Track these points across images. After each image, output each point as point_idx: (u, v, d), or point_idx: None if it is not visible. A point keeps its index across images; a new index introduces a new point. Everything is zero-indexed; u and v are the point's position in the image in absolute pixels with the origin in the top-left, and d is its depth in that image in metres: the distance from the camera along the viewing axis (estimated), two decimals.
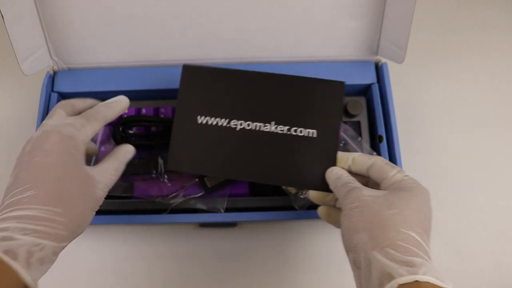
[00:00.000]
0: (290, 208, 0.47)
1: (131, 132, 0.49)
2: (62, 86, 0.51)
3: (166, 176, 0.47)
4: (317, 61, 0.52)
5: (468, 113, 0.59)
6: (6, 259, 0.29)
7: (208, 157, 0.43)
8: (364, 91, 0.53)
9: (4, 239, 0.30)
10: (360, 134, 0.51)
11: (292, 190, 0.47)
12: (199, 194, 0.47)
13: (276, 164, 0.42)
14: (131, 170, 0.47)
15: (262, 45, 0.52)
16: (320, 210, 0.41)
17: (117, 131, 0.47)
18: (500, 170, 0.56)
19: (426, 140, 0.57)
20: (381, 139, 0.49)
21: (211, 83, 0.44)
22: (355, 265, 0.33)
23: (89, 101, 0.41)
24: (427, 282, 0.29)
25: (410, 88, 0.60)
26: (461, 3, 0.65)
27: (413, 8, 0.45)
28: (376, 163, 0.38)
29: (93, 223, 0.47)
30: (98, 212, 0.47)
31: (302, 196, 0.46)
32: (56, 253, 0.33)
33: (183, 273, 0.51)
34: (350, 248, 0.33)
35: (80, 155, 0.36)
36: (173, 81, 0.51)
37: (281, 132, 0.43)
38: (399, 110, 0.52)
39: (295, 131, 0.43)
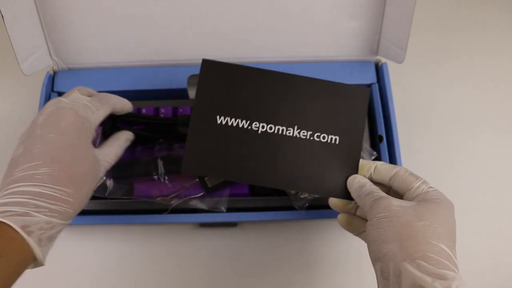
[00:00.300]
0: (290, 208, 0.47)
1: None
2: (62, 86, 0.51)
3: (166, 178, 0.47)
4: (317, 61, 0.53)
5: (468, 113, 0.59)
6: (24, 235, 0.30)
7: (227, 160, 0.41)
8: None
9: (21, 214, 0.31)
10: None
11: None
12: (200, 194, 0.47)
13: (297, 170, 0.41)
14: (131, 173, 0.47)
15: (262, 45, 0.52)
16: (340, 218, 0.41)
17: (107, 127, 0.47)
18: (500, 170, 0.56)
19: (426, 140, 0.57)
20: (381, 139, 0.49)
21: (232, 81, 0.42)
22: (383, 276, 0.33)
23: (106, 93, 0.42)
24: None
25: (410, 88, 0.60)
26: (461, 3, 0.65)
27: (413, 8, 0.45)
28: (400, 173, 0.38)
29: (94, 223, 0.47)
30: (99, 212, 0.48)
31: (302, 196, 0.46)
32: (60, 231, 0.34)
33: (183, 273, 0.51)
34: (378, 258, 0.33)
35: (92, 137, 0.37)
36: (173, 81, 0.51)
37: (303, 137, 0.41)
38: (399, 110, 0.52)
39: (318, 136, 0.41)
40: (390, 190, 0.39)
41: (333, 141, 0.41)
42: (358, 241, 0.53)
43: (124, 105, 0.43)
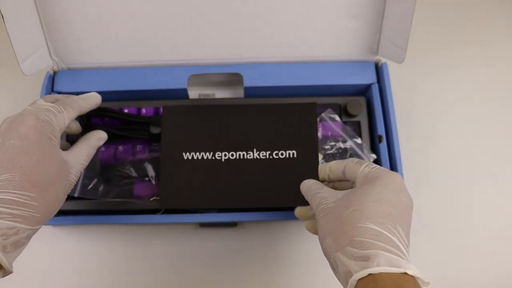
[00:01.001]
0: (290, 208, 0.46)
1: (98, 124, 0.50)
2: (62, 86, 0.51)
3: (158, 179, 0.48)
4: (317, 61, 0.52)
5: (468, 113, 0.59)
6: None
7: (199, 191, 0.44)
8: (364, 91, 0.53)
9: None
10: (360, 134, 0.51)
11: None
12: None
13: (263, 188, 0.44)
14: (121, 175, 0.48)
15: (262, 45, 0.52)
16: (307, 225, 0.42)
17: (82, 123, 0.47)
18: (500, 170, 0.56)
19: (426, 140, 0.57)
20: (381, 139, 0.49)
21: (192, 120, 0.46)
22: (333, 269, 0.34)
23: (71, 96, 0.42)
24: (381, 273, 0.29)
25: (410, 88, 0.60)
26: (462, 3, 0.65)
27: (413, 8, 0.45)
28: (348, 165, 0.39)
29: (93, 223, 0.48)
30: (97, 213, 0.48)
31: None
32: (29, 237, 0.33)
33: (183, 273, 0.51)
34: (324, 255, 0.34)
35: (56, 140, 0.36)
36: (173, 81, 0.51)
37: (263, 157, 0.45)
38: (399, 110, 0.52)
39: (276, 154, 0.45)
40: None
41: (291, 156, 0.45)
42: None
43: (91, 102, 0.43)
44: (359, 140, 0.49)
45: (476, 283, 0.51)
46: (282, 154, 0.45)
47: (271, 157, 0.45)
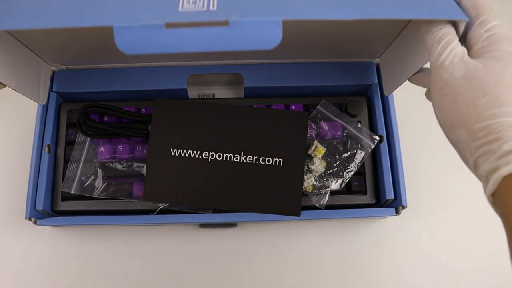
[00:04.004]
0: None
1: (97, 121, 0.50)
2: (62, 86, 0.51)
3: None
4: (318, 62, 0.52)
5: None
6: None
7: (183, 188, 0.45)
8: (365, 91, 0.53)
9: None
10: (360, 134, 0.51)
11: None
12: None
13: (246, 192, 0.45)
14: (120, 173, 0.48)
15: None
16: (426, 93, 0.39)
17: (79, 115, 0.48)
18: None
19: (426, 140, 0.57)
20: (382, 139, 0.49)
21: (182, 116, 0.46)
22: (466, 163, 0.31)
23: None
24: None
25: (410, 88, 0.60)
26: None
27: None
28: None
29: (92, 223, 0.47)
30: (97, 213, 0.48)
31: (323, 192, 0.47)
32: None
33: (183, 273, 0.51)
34: (452, 145, 0.31)
35: None
36: (174, 81, 0.51)
37: (249, 162, 0.45)
38: (399, 110, 0.51)
39: (263, 160, 0.45)
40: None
41: (277, 163, 0.45)
42: (358, 241, 0.53)
43: None
44: (359, 125, 0.49)
45: (476, 283, 0.51)
46: (268, 161, 0.45)
47: (257, 162, 0.45)
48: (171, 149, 0.45)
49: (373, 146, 0.48)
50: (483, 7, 0.32)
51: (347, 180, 0.48)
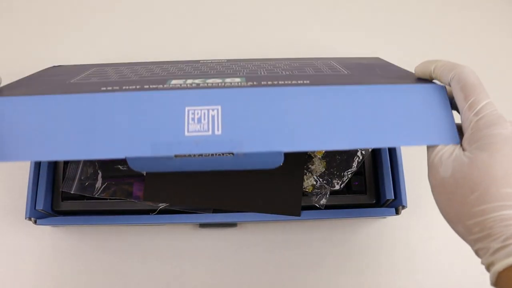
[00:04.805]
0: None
1: None
2: None
3: None
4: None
5: None
6: None
7: (183, 188, 0.45)
8: None
9: None
10: None
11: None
12: None
13: (246, 192, 0.45)
14: (119, 173, 0.48)
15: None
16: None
17: None
18: None
19: None
20: None
21: None
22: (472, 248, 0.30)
23: None
24: None
25: None
26: (462, 2, 0.65)
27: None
28: (463, 73, 0.32)
29: (92, 223, 0.47)
30: (97, 213, 0.48)
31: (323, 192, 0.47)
32: None
33: (183, 273, 0.51)
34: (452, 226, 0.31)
35: None
36: None
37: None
38: None
39: None
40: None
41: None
42: (358, 241, 0.53)
43: None
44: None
45: (476, 283, 0.51)
46: None
47: None
48: None
49: None
50: (471, 87, 0.31)
51: (347, 180, 0.48)
